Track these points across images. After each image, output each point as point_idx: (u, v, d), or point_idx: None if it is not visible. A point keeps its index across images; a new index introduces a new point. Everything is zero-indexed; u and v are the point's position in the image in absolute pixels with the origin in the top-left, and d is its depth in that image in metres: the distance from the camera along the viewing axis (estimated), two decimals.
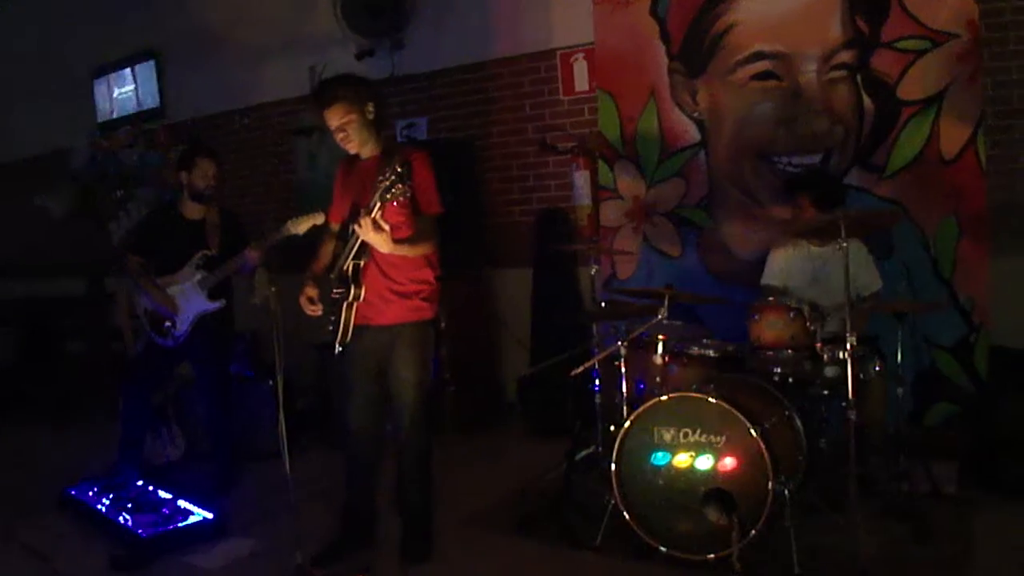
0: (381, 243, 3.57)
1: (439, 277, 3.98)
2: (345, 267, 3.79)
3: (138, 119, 8.71)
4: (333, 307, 3.86)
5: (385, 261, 3.79)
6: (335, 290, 3.84)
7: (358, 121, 3.78)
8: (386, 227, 3.50)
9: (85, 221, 8.11)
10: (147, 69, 8.93)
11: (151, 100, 8.94)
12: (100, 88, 9.47)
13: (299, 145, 7.72)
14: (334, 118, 3.77)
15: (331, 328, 3.87)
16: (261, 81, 7.95)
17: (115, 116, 9.29)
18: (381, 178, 3.40)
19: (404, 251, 3.74)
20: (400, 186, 3.36)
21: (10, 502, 5.00)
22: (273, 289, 3.71)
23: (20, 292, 8.86)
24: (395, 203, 3.45)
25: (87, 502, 4.67)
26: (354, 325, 3.86)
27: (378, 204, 3.43)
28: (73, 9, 9.17)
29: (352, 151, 3.89)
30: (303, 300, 3.89)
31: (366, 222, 3.46)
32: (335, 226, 4.03)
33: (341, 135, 3.80)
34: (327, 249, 4.04)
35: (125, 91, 9.22)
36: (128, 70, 9.13)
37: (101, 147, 8.09)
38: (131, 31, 8.84)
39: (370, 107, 3.82)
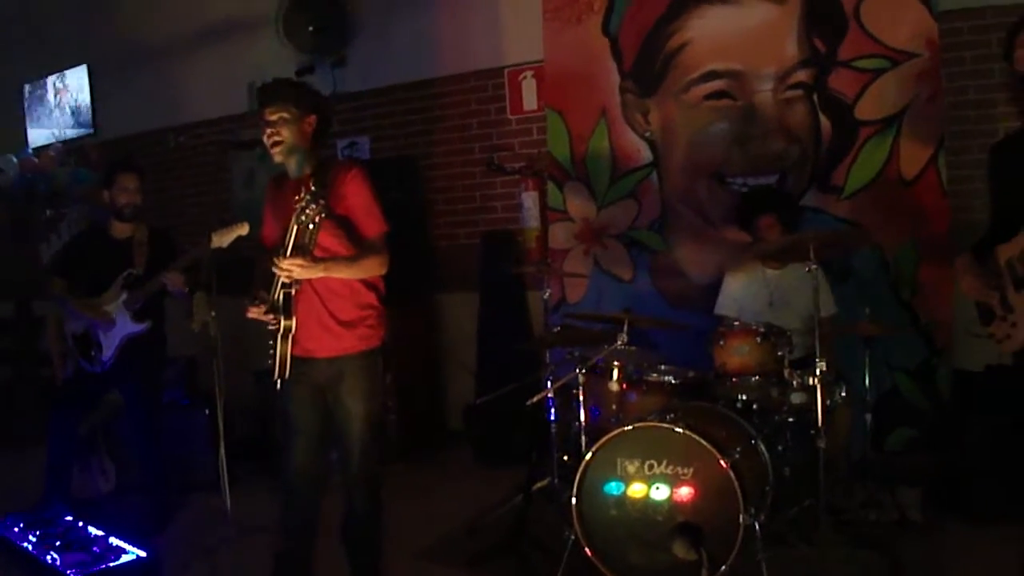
0: (310, 274, 3.29)
1: (383, 300, 3.66)
2: (275, 295, 3.40)
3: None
4: (271, 338, 3.49)
5: (324, 288, 3.46)
6: (271, 320, 3.43)
7: (294, 125, 3.43)
8: (302, 260, 3.21)
9: (13, 242, 7.83)
10: (79, 85, 8.69)
11: (82, 116, 8.69)
12: (30, 103, 9.20)
13: (237, 162, 7.43)
14: (271, 114, 3.43)
15: (270, 361, 3.49)
16: (197, 98, 7.69)
17: (45, 133, 9.02)
18: (296, 197, 3.12)
19: (343, 273, 3.43)
20: (313, 207, 3.07)
21: None
22: (213, 314, 3.47)
23: None
24: (311, 226, 3.14)
25: (12, 539, 4.37)
26: (295, 357, 3.47)
27: (293, 233, 3.16)
28: (2, 23, 8.86)
29: (278, 158, 3.50)
30: (251, 313, 3.47)
31: (284, 265, 3.21)
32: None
33: (270, 131, 3.43)
34: (265, 270, 3.60)
35: (55, 107, 8.94)
36: (60, 86, 8.86)
37: (31, 165, 7.82)
38: (63, 46, 8.59)
39: (311, 119, 3.50)
